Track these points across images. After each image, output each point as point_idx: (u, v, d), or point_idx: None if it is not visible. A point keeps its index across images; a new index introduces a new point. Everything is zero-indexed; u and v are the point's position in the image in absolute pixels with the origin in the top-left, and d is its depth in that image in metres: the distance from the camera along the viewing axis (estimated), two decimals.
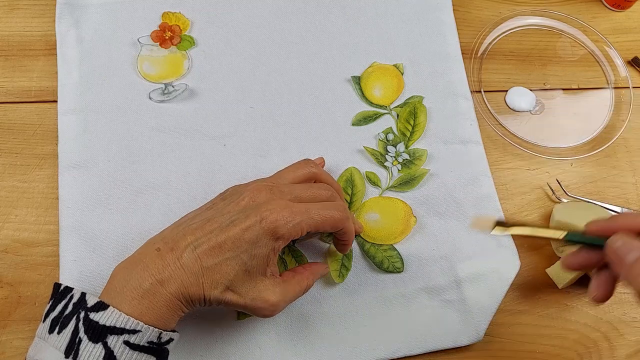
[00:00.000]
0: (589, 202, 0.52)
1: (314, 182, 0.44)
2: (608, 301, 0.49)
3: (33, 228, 0.47)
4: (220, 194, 0.42)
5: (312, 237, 0.47)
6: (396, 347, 0.45)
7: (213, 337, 0.44)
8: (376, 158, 0.51)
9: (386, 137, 0.52)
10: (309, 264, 0.44)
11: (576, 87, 0.58)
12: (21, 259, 0.46)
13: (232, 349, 0.44)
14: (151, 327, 0.34)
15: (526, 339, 0.48)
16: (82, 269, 0.44)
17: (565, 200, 0.52)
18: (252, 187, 0.40)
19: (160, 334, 0.35)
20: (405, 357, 0.45)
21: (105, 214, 0.46)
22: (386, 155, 0.51)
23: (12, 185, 0.48)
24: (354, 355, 0.45)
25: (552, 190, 0.53)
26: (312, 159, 0.47)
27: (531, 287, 0.49)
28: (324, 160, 0.49)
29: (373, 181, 0.50)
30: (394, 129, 0.52)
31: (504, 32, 0.59)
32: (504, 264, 0.48)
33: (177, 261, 0.36)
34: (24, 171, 0.48)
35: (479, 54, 0.58)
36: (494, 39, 0.59)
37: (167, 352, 0.37)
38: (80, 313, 0.35)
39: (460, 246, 0.49)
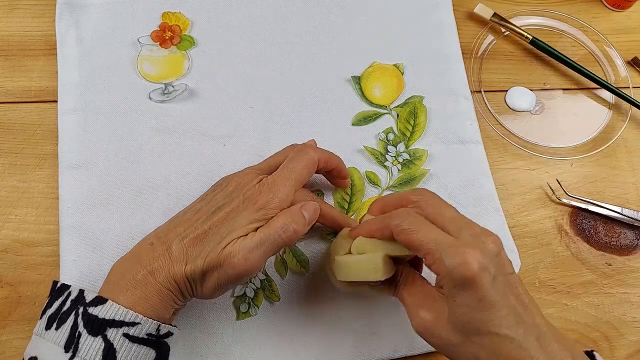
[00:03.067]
0: (588, 201, 0.52)
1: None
2: (608, 301, 0.50)
3: (33, 228, 0.47)
4: (212, 185, 0.43)
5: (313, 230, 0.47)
6: (396, 347, 0.45)
7: (213, 337, 0.44)
8: (376, 158, 0.51)
9: (386, 137, 0.52)
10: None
11: (576, 87, 0.58)
12: (21, 259, 0.46)
13: (232, 349, 0.44)
14: (150, 319, 0.35)
15: None
16: (82, 269, 0.44)
17: (565, 200, 0.52)
18: (239, 174, 0.41)
19: (159, 326, 0.36)
20: (405, 357, 0.46)
21: (105, 214, 0.46)
22: (386, 155, 0.51)
23: (12, 185, 0.48)
24: (353, 355, 0.45)
25: (552, 190, 0.53)
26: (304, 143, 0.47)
27: (531, 287, 0.49)
28: (314, 143, 0.48)
29: (373, 181, 0.50)
30: (394, 129, 0.52)
31: (504, 32, 0.59)
32: None
33: (166, 252, 0.37)
34: (24, 171, 0.48)
35: (479, 54, 0.58)
36: (494, 39, 0.59)
37: (167, 347, 0.37)
38: (78, 308, 0.35)
39: None
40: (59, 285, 0.37)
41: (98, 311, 0.35)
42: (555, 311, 0.49)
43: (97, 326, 0.34)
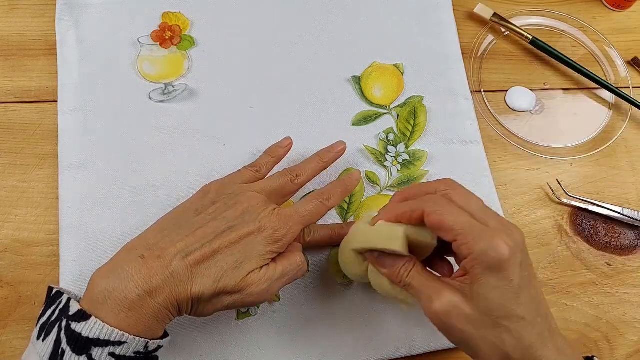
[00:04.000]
0: (588, 201, 0.52)
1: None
2: (608, 301, 0.50)
3: (33, 228, 0.47)
4: (204, 194, 0.41)
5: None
6: (397, 347, 0.45)
7: (213, 337, 0.44)
8: (376, 157, 0.51)
9: (387, 137, 0.52)
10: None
11: (576, 87, 0.58)
12: (21, 259, 0.46)
13: (232, 349, 0.44)
14: (137, 338, 0.33)
15: None
16: (82, 269, 0.44)
17: (565, 200, 0.52)
18: (248, 195, 0.40)
19: (147, 343, 0.34)
20: (405, 357, 0.46)
21: (105, 214, 0.46)
22: (386, 155, 0.51)
23: (12, 185, 0.48)
24: (354, 355, 0.45)
25: (552, 190, 0.53)
26: (287, 145, 0.47)
27: None
28: (291, 141, 0.48)
29: (373, 180, 0.50)
30: (395, 129, 0.52)
31: (504, 32, 0.59)
32: None
33: (165, 270, 0.35)
34: (24, 171, 0.48)
35: (479, 54, 0.58)
36: (494, 39, 0.59)
37: (155, 358, 0.36)
38: (62, 321, 0.34)
39: None
40: (54, 292, 0.36)
41: (81, 328, 0.33)
42: (555, 311, 0.49)
43: (81, 345, 0.33)
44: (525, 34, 0.57)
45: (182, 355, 0.43)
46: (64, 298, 0.35)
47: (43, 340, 0.34)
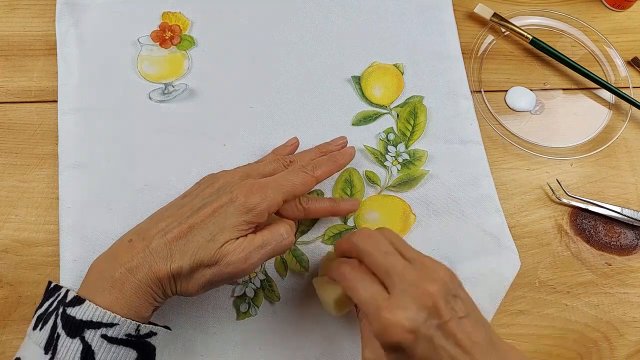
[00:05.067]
0: (588, 201, 0.52)
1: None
2: (608, 301, 0.50)
3: (33, 228, 0.47)
4: (196, 183, 0.43)
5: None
6: None
7: (213, 337, 0.44)
8: (376, 157, 0.51)
9: (387, 136, 0.52)
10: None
11: (576, 87, 0.58)
12: (21, 259, 0.46)
13: (232, 349, 0.44)
14: (128, 320, 0.34)
15: (526, 339, 0.48)
16: (82, 269, 0.44)
17: (565, 200, 0.52)
18: (228, 172, 0.41)
19: (139, 326, 0.35)
20: None
21: (105, 214, 0.46)
22: (386, 155, 0.51)
23: (12, 185, 0.48)
24: (354, 355, 0.45)
25: (552, 190, 0.53)
26: (293, 144, 0.49)
27: (531, 287, 0.49)
28: (297, 141, 0.49)
29: (372, 180, 0.50)
30: (395, 129, 0.52)
31: (504, 32, 0.59)
32: (504, 264, 0.48)
33: (146, 248, 0.36)
34: (24, 171, 0.48)
35: (479, 54, 0.58)
36: (494, 39, 0.59)
37: (151, 347, 0.36)
38: (59, 309, 0.35)
39: (460, 246, 0.49)
40: (52, 285, 0.37)
41: (76, 312, 0.34)
42: (555, 311, 0.49)
43: (75, 327, 0.34)
44: (525, 34, 0.57)
45: (182, 355, 0.43)
46: (63, 290, 0.36)
47: (40, 329, 0.35)
